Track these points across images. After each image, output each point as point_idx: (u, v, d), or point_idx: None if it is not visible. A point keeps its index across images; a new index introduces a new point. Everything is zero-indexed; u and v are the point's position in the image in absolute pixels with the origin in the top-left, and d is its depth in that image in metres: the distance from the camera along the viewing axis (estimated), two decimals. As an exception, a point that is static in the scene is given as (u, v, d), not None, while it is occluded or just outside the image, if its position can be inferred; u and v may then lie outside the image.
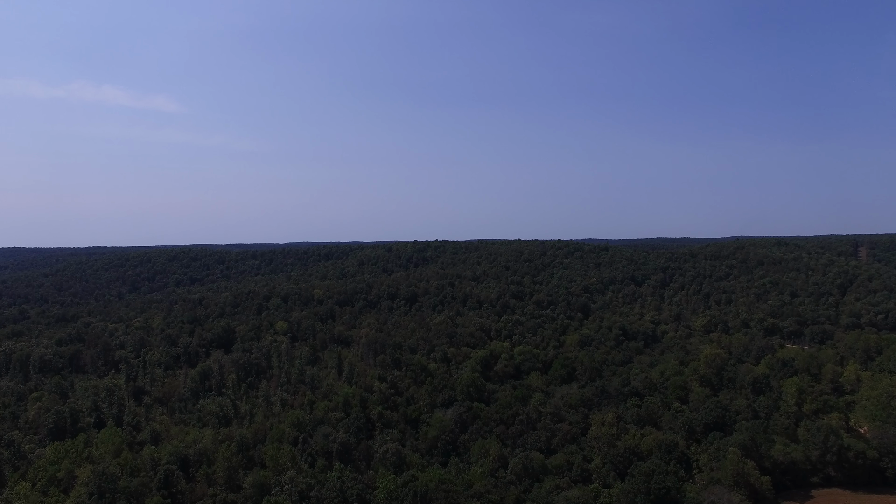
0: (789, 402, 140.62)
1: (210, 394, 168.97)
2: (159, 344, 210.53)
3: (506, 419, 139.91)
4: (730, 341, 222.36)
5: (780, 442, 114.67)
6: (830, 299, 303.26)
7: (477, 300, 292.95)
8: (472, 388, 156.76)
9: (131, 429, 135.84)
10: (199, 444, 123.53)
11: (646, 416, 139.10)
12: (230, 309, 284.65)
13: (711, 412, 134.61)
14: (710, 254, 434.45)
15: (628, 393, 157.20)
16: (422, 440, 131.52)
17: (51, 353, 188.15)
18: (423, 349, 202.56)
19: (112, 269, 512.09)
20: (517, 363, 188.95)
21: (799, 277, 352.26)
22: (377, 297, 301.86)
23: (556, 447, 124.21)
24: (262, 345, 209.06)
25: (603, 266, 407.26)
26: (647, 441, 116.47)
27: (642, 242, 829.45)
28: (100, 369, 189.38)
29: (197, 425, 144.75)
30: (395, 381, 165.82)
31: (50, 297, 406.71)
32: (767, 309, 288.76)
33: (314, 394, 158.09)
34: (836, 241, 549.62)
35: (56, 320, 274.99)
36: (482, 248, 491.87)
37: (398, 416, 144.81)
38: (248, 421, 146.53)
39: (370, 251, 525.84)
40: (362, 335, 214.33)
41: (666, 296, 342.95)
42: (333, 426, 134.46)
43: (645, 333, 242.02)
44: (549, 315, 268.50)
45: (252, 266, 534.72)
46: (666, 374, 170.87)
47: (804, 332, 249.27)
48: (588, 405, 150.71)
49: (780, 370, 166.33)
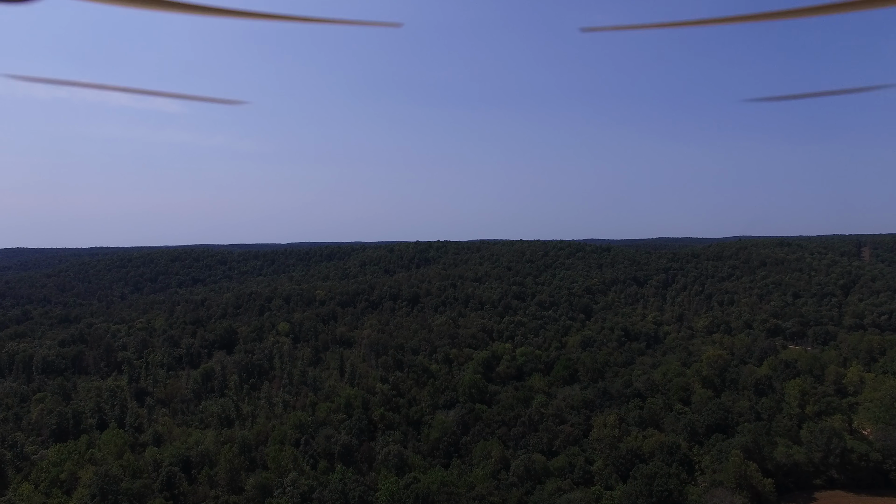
0: (792, 404, 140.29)
1: (212, 395, 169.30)
2: (161, 345, 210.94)
3: (508, 421, 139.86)
4: (732, 342, 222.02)
5: (782, 444, 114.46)
6: (833, 300, 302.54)
7: (479, 301, 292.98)
8: (474, 390, 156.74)
9: (134, 430, 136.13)
10: (202, 445, 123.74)
11: (648, 417, 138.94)
12: (232, 310, 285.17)
13: (714, 414, 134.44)
14: (712, 254, 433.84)
15: (630, 394, 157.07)
16: (424, 442, 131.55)
17: (54, 354, 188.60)
18: (425, 350, 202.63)
19: (114, 269, 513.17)
20: (519, 364, 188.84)
21: (802, 278, 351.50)
22: (379, 297, 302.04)
23: (559, 449, 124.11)
24: (264, 346, 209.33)
25: (605, 266, 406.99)
26: (649, 443, 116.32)
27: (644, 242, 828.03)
28: (103, 370, 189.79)
29: (199, 427, 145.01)
30: (397, 383, 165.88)
31: (53, 298, 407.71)
32: (770, 310, 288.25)
33: (316, 395, 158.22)
34: (838, 242, 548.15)
35: (59, 321, 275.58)
36: (484, 249, 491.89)
37: (400, 418, 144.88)
38: (250, 422, 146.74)
39: (372, 252, 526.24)
40: (364, 336, 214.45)
41: (668, 296, 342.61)
42: (335, 428, 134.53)
43: (647, 334, 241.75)
44: (552, 316, 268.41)
45: (254, 267, 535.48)
46: (668, 375, 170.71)
47: (807, 333, 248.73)
48: (590, 407, 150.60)
49: (782, 371, 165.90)
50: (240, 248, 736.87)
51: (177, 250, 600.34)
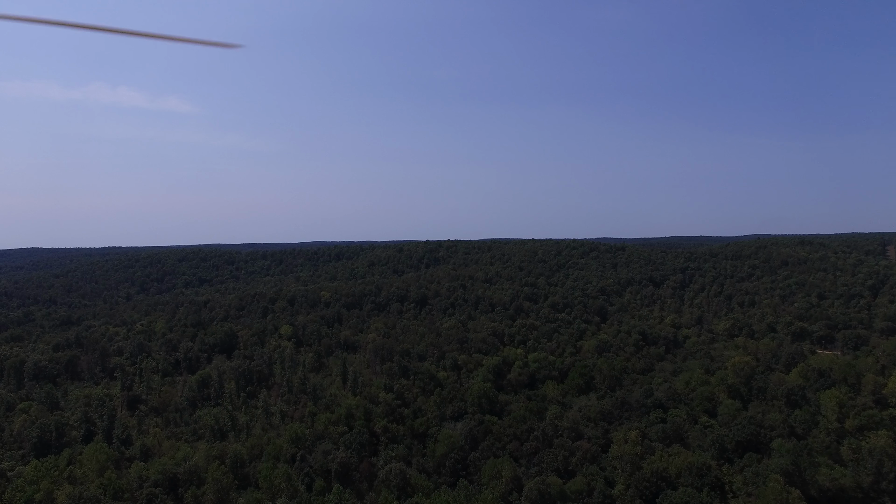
0: (829, 418, 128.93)
1: (208, 403, 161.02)
2: (159, 349, 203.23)
3: (520, 434, 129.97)
4: (757, 347, 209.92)
5: (824, 465, 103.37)
6: (861, 301, 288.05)
7: (489, 303, 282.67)
8: (483, 400, 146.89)
9: (121, 443, 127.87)
10: (190, 461, 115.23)
11: (672, 432, 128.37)
12: (235, 312, 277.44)
13: (744, 429, 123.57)
14: (730, 253, 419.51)
15: (651, 405, 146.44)
16: (429, 458, 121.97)
17: (46, 359, 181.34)
18: (433, 356, 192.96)
19: (122, 269, 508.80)
20: (532, 371, 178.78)
21: (826, 278, 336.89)
22: (386, 299, 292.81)
23: (575, 468, 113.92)
24: (264, 350, 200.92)
25: (620, 266, 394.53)
26: (675, 463, 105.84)
27: (657, 241, 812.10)
28: (97, 376, 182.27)
29: (191, 439, 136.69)
30: (402, 391, 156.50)
31: (58, 299, 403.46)
32: (794, 311, 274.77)
33: (316, 405, 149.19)
34: (861, 240, 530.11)
35: (60, 323, 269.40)
36: (495, 248, 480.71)
37: (404, 430, 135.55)
38: (244, 434, 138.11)
39: (381, 251, 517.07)
40: (369, 340, 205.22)
41: (686, 297, 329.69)
42: (334, 442, 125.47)
43: (666, 338, 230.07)
44: (565, 319, 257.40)
45: (262, 267, 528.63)
46: (691, 383, 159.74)
47: (836, 337, 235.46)
48: (608, 419, 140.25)
49: (815, 381, 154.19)
50: (252, 248, 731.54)
51: (184, 250, 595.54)
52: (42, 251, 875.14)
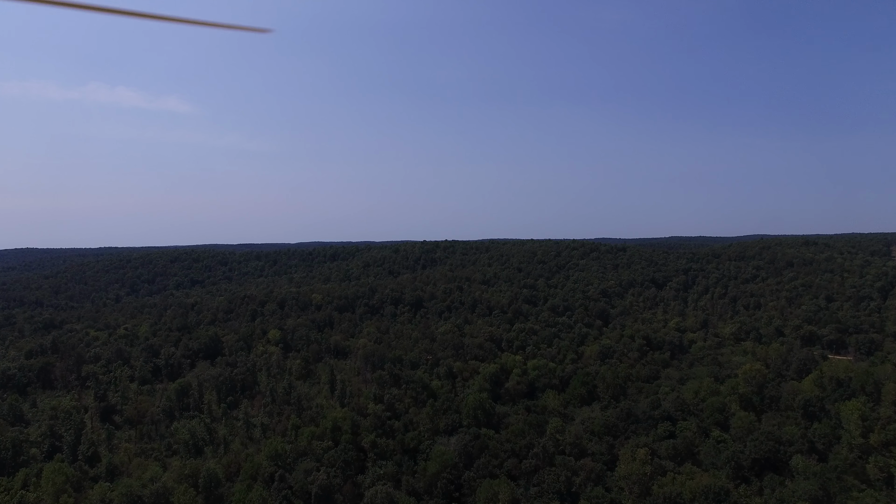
0: (853, 433, 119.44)
1: (187, 414, 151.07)
2: (140, 355, 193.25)
3: (518, 451, 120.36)
4: (765, 352, 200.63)
5: (855, 489, 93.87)
6: (872, 304, 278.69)
7: (487, 306, 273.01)
8: (479, 412, 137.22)
9: (85, 461, 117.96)
10: (158, 481, 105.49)
11: (682, 448, 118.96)
12: (223, 315, 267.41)
13: (761, 445, 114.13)
14: (734, 254, 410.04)
15: (658, 417, 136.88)
16: (420, 477, 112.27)
17: (16, 366, 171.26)
18: (426, 363, 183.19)
19: (112, 270, 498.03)
20: (531, 379, 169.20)
21: (833, 279, 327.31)
22: (380, 301, 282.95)
23: (579, 489, 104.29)
24: (250, 357, 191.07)
25: (621, 267, 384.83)
26: (689, 486, 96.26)
27: (657, 241, 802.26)
28: (71, 384, 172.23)
29: (165, 455, 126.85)
30: (393, 402, 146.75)
31: (45, 301, 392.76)
32: (802, 314, 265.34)
33: (300, 417, 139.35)
34: (866, 241, 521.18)
35: (42, 326, 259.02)
36: (493, 249, 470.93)
37: (394, 445, 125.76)
38: (222, 449, 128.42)
39: (376, 252, 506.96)
40: (360, 346, 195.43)
41: (689, 300, 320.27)
42: (318, 459, 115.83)
43: (671, 343, 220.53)
44: (566, 323, 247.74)
45: (255, 267, 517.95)
46: (700, 393, 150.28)
47: (847, 342, 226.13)
48: (613, 433, 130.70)
49: (833, 391, 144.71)
50: (249, 248, 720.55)
51: (177, 250, 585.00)
52: (37, 252, 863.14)
